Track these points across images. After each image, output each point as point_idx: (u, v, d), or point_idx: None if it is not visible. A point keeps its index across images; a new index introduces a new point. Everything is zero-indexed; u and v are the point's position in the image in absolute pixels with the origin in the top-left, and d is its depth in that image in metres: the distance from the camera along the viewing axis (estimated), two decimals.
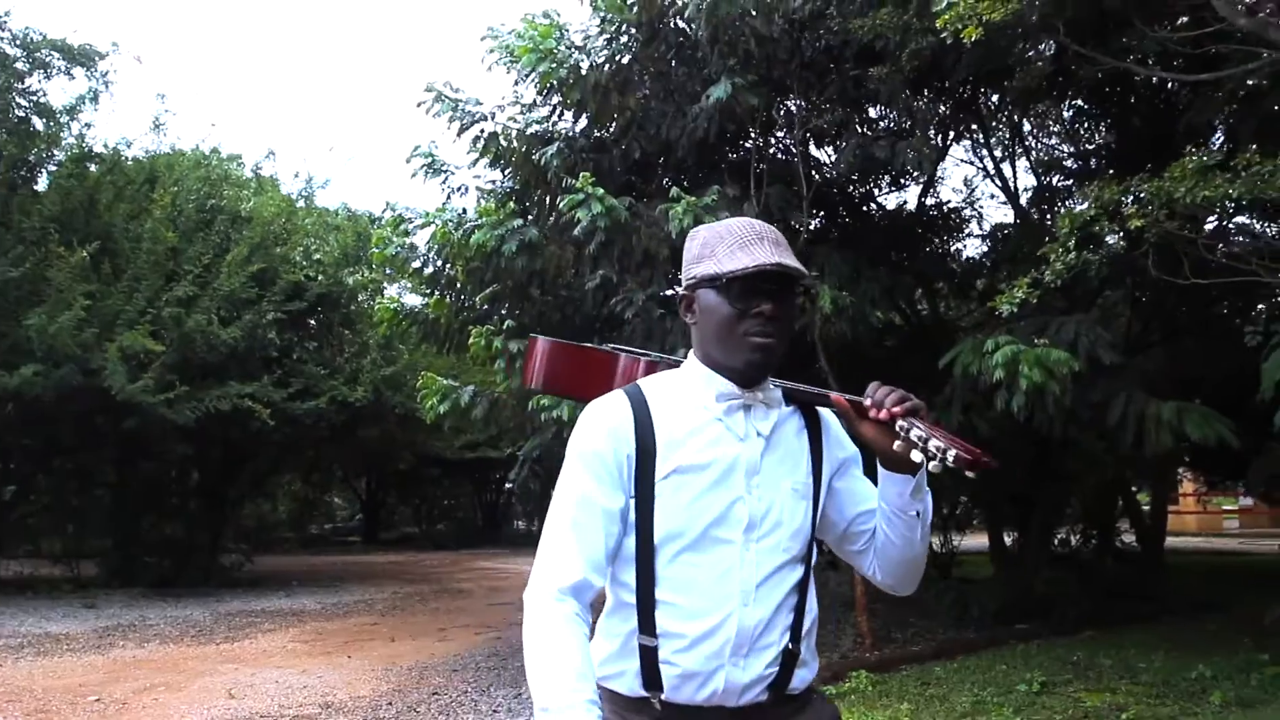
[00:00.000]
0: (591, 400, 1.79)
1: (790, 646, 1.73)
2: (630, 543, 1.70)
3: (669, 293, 8.62)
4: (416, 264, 9.04)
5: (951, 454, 1.52)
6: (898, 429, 1.62)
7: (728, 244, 1.73)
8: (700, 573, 1.67)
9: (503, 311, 8.62)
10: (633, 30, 8.05)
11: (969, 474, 1.55)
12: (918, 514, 1.73)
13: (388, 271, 10.86)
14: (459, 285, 8.80)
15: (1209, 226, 7.53)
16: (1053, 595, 9.46)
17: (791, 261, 1.69)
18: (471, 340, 8.04)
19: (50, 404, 12.04)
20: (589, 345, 2.13)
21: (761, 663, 1.69)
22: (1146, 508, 13.06)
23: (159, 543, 14.91)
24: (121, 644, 9.49)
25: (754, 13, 7.50)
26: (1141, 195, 5.62)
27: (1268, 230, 8.70)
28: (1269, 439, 7.26)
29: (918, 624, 9.10)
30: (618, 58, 8.10)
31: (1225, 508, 24.98)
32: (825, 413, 1.85)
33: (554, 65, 7.80)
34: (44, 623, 10.74)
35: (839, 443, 1.85)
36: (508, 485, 25.40)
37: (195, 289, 12.91)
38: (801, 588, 1.76)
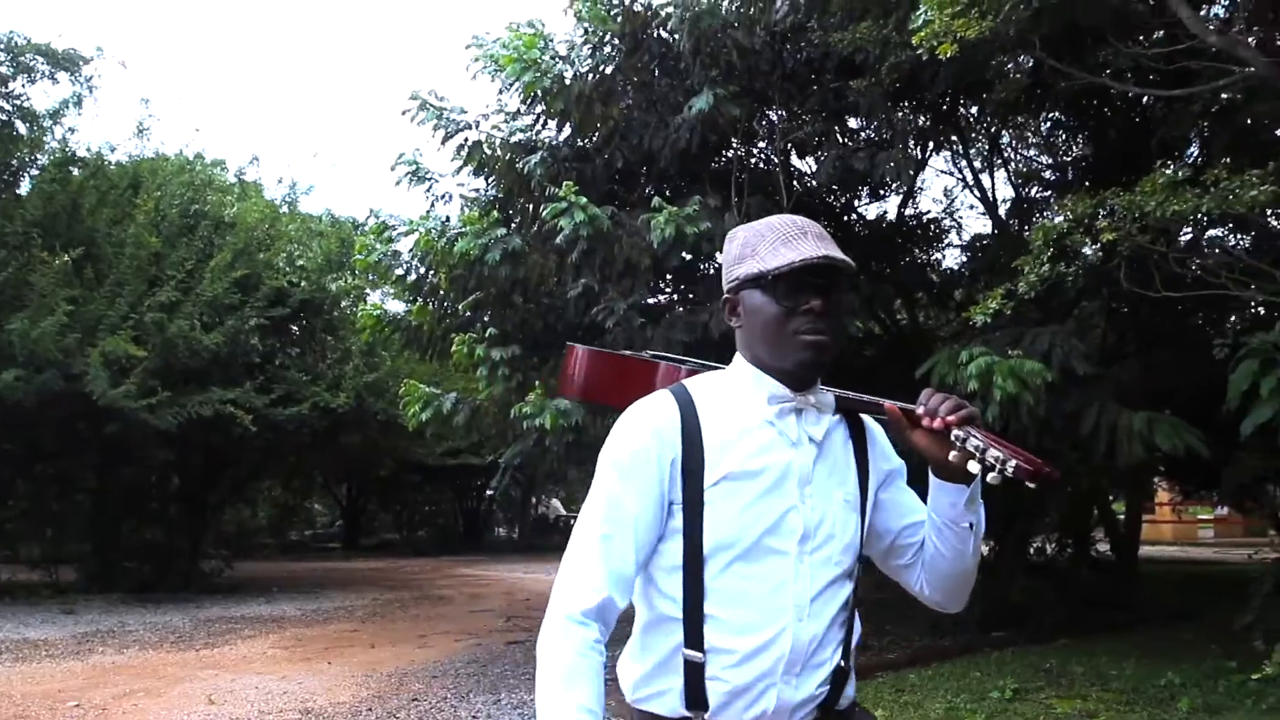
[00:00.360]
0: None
1: (843, 664, 1.66)
2: (677, 552, 1.61)
3: (651, 301, 8.70)
4: (400, 271, 9.08)
5: (1012, 465, 1.46)
6: (953, 438, 1.56)
7: (769, 241, 1.65)
8: (752, 585, 1.59)
9: (485, 318, 8.67)
10: (616, 41, 8.12)
11: (1030, 485, 1.49)
12: (970, 526, 1.67)
13: (371, 278, 10.90)
14: (442, 292, 8.85)
15: (1185, 238, 7.65)
16: (1029, 604, 9.56)
17: (838, 254, 1.61)
18: (454, 348, 8.10)
19: (31, 409, 12.01)
20: (628, 354, 2.07)
21: (814, 681, 1.62)
22: (1122, 517, 13.19)
23: (139, 548, 14.85)
24: (101, 650, 9.47)
25: (736, 25, 7.61)
26: (1114, 209, 5.71)
27: (1242, 242, 8.83)
28: (1239, 449, 7.36)
29: (894, 632, 9.17)
30: (601, 68, 8.16)
31: (1201, 517, 25.21)
32: (869, 422, 1.78)
33: (538, 75, 7.87)
34: (22, 628, 10.70)
35: (884, 454, 1.78)
36: (489, 493, 25.38)
37: (178, 294, 12.89)
38: (851, 604, 1.69)
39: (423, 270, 8.85)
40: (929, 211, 11.69)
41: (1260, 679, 5.21)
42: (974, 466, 1.51)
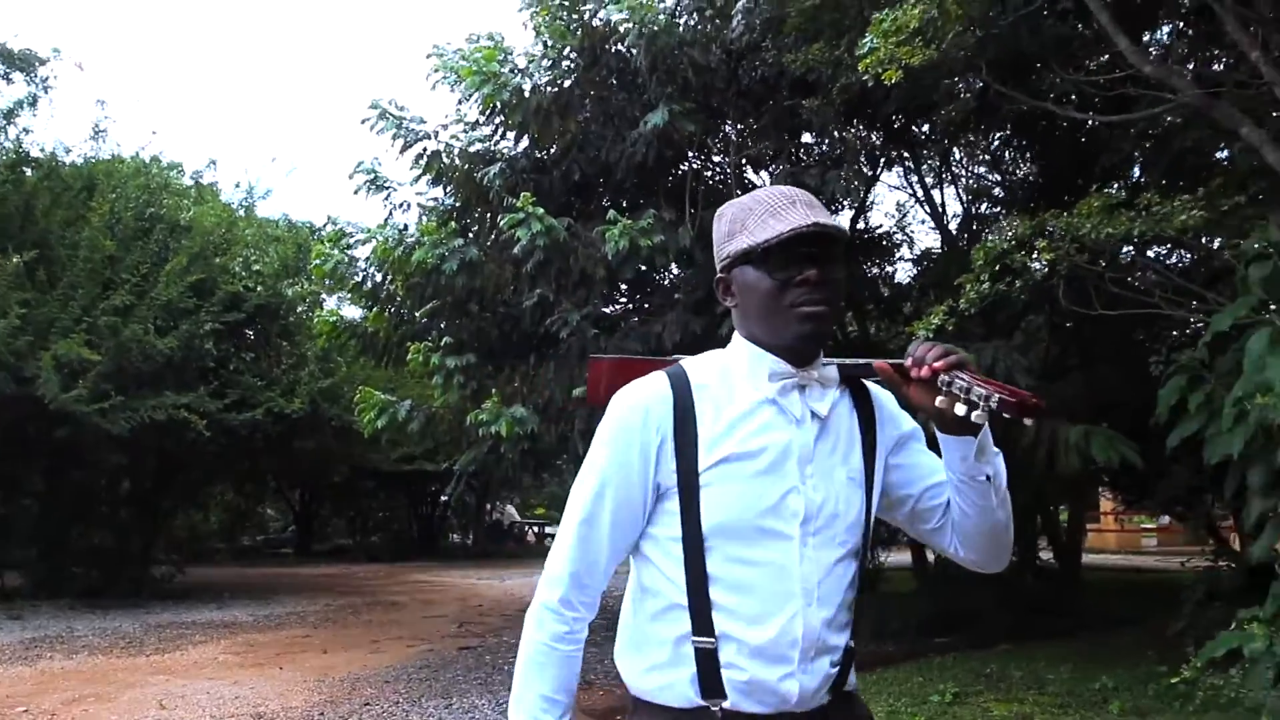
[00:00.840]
0: None
1: (850, 644, 1.63)
2: (676, 537, 1.58)
3: (607, 310, 8.83)
4: (357, 278, 9.14)
5: (995, 399, 1.39)
6: (939, 384, 1.50)
7: (757, 214, 1.59)
8: (757, 570, 1.54)
9: (442, 326, 8.75)
10: (574, 55, 8.26)
11: (1027, 421, 1.42)
12: (988, 478, 1.59)
13: (327, 283, 10.90)
14: (399, 299, 8.93)
15: (1129, 256, 7.89)
16: (972, 610, 9.76)
17: (829, 220, 1.56)
18: (410, 357, 8.17)
19: None
20: (649, 357, 2.01)
21: (827, 662, 1.59)
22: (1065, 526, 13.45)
23: (88, 553, 14.71)
24: (49, 655, 9.41)
25: (692, 43, 7.77)
26: (1052, 230, 5.91)
27: (1185, 259, 9.10)
28: (1175, 461, 7.61)
29: None
30: (560, 81, 8.30)
31: (1144, 526, 25.70)
32: (878, 390, 1.72)
33: (497, 87, 7.98)
34: None
35: (893, 421, 1.72)
36: (443, 499, 25.35)
37: (132, 298, 12.81)
38: (857, 582, 1.64)
39: (379, 278, 8.92)
40: (881, 225, 11.91)
41: (1179, 681, 5.41)
42: (961, 409, 1.45)
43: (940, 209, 11.04)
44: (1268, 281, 5.05)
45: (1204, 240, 7.14)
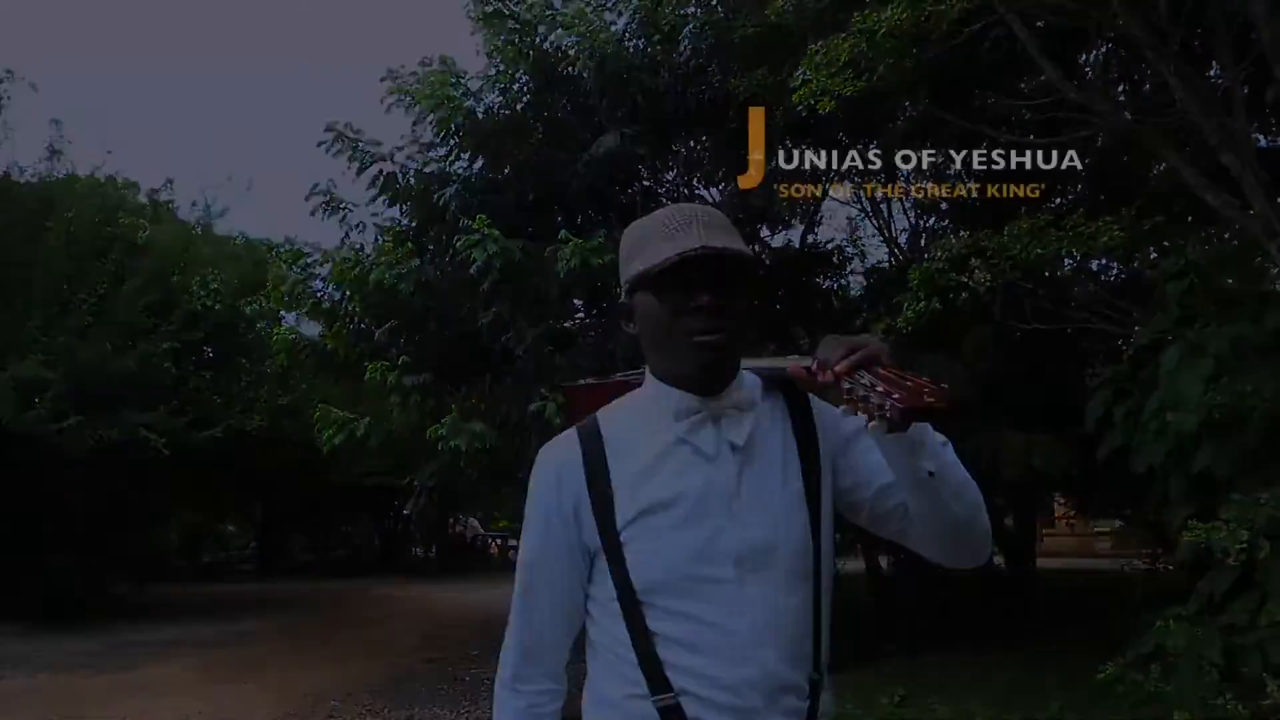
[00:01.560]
0: None
1: (815, 675, 1.54)
2: (613, 597, 1.50)
3: (565, 325, 8.99)
4: (315, 297, 9.23)
5: (888, 406, 1.26)
6: (844, 390, 1.35)
7: (654, 236, 1.50)
8: (698, 626, 1.46)
9: (400, 343, 8.87)
10: (526, 78, 8.43)
11: (938, 418, 1.31)
12: (931, 474, 1.45)
13: (286, 299, 10.94)
14: (358, 317, 9.04)
15: (1072, 267, 8.13)
16: (924, 615, 9.97)
17: (723, 242, 1.45)
18: (368, 375, 8.29)
19: None
20: (622, 378, 1.90)
21: (793, 698, 1.50)
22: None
23: (47, 573, 14.61)
24: (11, 676, 9.40)
25: (640, 67, 7.97)
26: (986, 250, 6.14)
27: (1122, 275, 9.36)
28: (1109, 469, 7.85)
29: None
30: (513, 104, 8.47)
31: (1098, 530, 26.06)
32: None
33: (451, 110, 8.14)
34: None
35: (837, 421, 1.55)
36: (405, 513, 25.31)
37: (90, 318, 12.82)
38: (815, 607, 1.55)
39: (337, 297, 9.03)
40: (833, 239, 12.09)
41: (1103, 677, 5.61)
42: (862, 417, 1.32)
43: (888, 219, 11.23)
44: (1184, 298, 5.32)
45: (1135, 256, 7.42)
